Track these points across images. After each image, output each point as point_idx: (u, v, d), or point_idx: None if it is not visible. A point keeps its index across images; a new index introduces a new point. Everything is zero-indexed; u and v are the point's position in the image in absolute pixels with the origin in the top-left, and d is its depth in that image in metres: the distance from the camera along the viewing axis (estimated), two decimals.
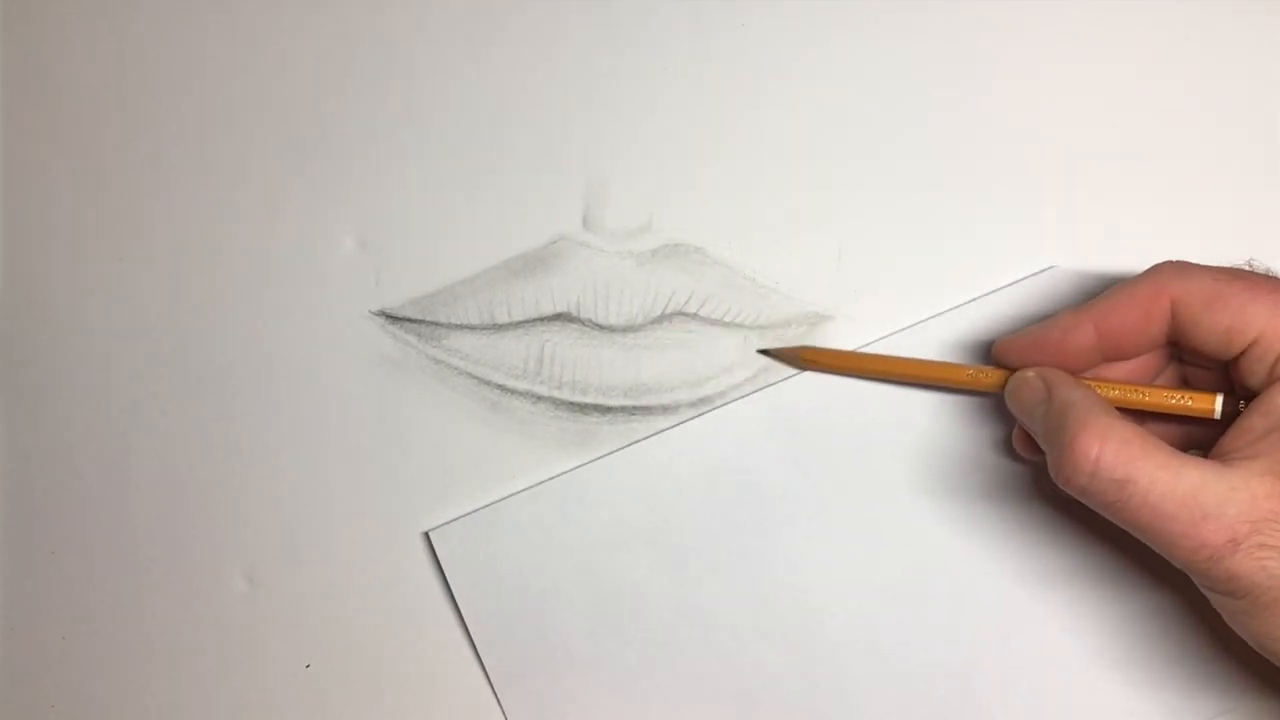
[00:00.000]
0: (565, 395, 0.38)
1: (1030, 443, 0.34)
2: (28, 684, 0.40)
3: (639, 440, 0.38)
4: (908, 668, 0.37)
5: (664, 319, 0.38)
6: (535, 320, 0.38)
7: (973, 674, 0.37)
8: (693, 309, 0.38)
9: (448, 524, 0.38)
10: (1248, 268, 0.31)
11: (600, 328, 0.38)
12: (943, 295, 0.38)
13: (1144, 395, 0.32)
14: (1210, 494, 0.28)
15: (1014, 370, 0.34)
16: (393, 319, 0.39)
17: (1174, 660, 0.36)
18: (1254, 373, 0.30)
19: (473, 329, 0.38)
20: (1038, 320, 0.34)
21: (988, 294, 0.37)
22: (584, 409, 0.38)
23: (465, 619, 0.38)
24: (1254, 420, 0.30)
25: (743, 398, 0.37)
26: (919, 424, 0.37)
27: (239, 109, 0.39)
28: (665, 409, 0.38)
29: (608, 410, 0.38)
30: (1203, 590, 0.30)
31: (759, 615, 0.38)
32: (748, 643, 0.38)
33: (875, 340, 0.37)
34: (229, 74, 0.39)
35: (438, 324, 0.38)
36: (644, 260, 0.38)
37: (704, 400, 0.38)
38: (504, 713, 0.39)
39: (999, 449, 0.37)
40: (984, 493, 0.37)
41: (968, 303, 0.37)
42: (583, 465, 0.38)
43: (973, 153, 0.38)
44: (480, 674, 0.39)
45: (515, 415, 0.38)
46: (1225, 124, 0.37)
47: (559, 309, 0.38)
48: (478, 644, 0.38)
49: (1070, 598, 0.36)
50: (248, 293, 0.39)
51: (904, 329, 0.37)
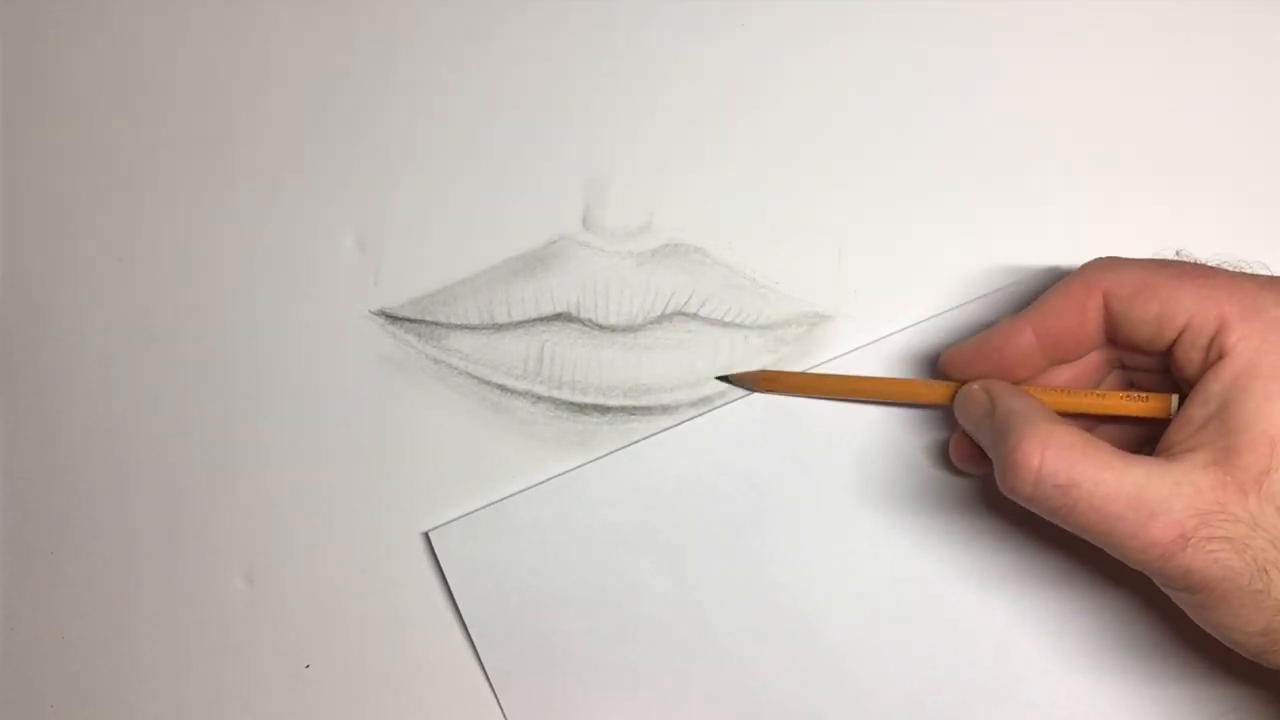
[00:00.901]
0: (565, 395, 0.38)
1: (968, 455, 0.35)
2: (28, 684, 0.40)
3: (639, 440, 0.38)
4: (906, 669, 0.37)
5: (664, 319, 0.38)
6: (535, 320, 0.38)
7: (970, 677, 0.37)
8: (693, 309, 0.38)
9: (448, 524, 0.38)
10: (1176, 257, 0.31)
11: (600, 328, 0.38)
12: (943, 295, 0.38)
13: (1099, 399, 0.32)
14: (1155, 491, 0.28)
15: (962, 382, 0.34)
16: (392, 319, 0.39)
17: (1170, 662, 0.36)
18: (1190, 361, 0.30)
19: (473, 329, 0.38)
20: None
21: (983, 296, 0.37)
22: (584, 409, 0.38)
23: (465, 619, 0.38)
24: (1193, 410, 0.29)
25: (743, 398, 0.37)
26: (920, 428, 0.37)
27: (238, 109, 0.39)
28: (665, 409, 0.38)
29: (608, 410, 0.38)
30: (1161, 587, 0.30)
31: (757, 615, 0.38)
32: (746, 643, 0.38)
33: (871, 342, 0.37)
34: (228, 74, 0.39)
35: (438, 324, 0.38)
36: (644, 260, 0.38)
37: (704, 400, 0.38)
38: (503, 713, 0.39)
39: None
40: (989, 497, 0.37)
41: (963, 305, 0.37)
42: (583, 465, 0.38)
43: (973, 152, 0.38)
44: (480, 674, 0.39)
45: (515, 415, 0.38)
46: (1230, 124, 0.37)
47: (559, 309, 0.38)
48: (477, 644, 0.38)
49: (1064, 601, 0.36)
50: (248, 293, 0.39)
51: (898, 330, 0.37)
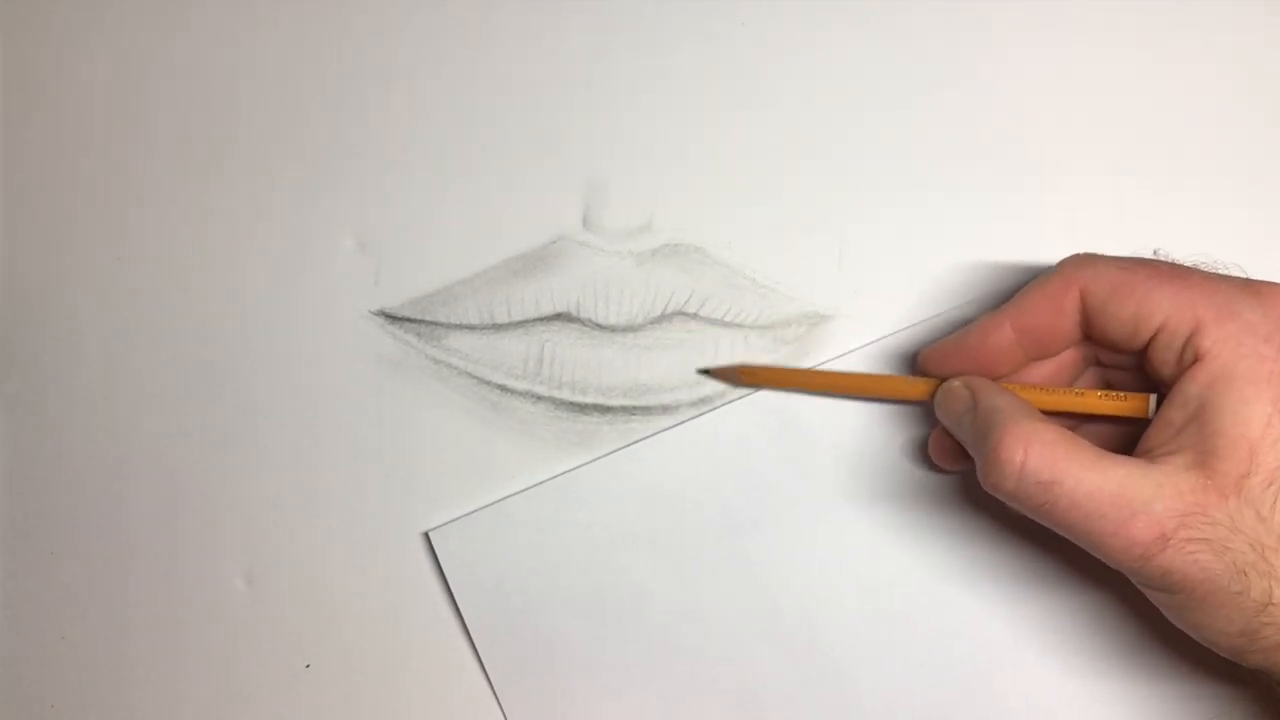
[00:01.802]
0: (565, 395, 0.38)
1: (947, 452, 0.35)
2: (28, 684, 0.40)
3: (639, 440, 0.38)
4: (903, 667, 0.37)
5: (664, 319, 0.38)
6: (535, 320, 0.38)
7: (971, 676, 0.37)
8: (693, 309, 0.38)
9: (448, 524, 0.38)
10: (1154, 257, 0.31)
11: (600, 328, 0.38)
12: (943, 295, 0.38)
13: (1078, 398, 0.32)
14: (1136, 491, 0.28)
15: (942, 380, 0.34)
16: (392, 319, 0.39)
17: (1149, 661, 0.36)
18: (1165, 362, 0.30)
19: (473, 329, 0.38)
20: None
21: (983, 296, 0.37)
22: (584, 409, 0.38)
23: (465, 619, 0.38)
24: (1172, 413, 0.30)
25: (742, 398, 0.37)
26: (920, 428, 0.37)
27: (238, 109, 0.39)
28: (665, 409, 0.38)
29: (608, 410, 0.38)
30: (1140, 587, 0.30)
31: (756, 615, 0.38)
32: (745, 642, 0.38)
33: (872, 341, 0.37)
34: (228, 74, 0.39)
35: (437, 324, 0.38)
36: (644, 260, 0.38)
37: (704, 400, 0.38)
38: (504, 712, 0.39)
39: None
40: (968, 493, 0.37)
41: (962, 305, 0.37)
42: (583, 465, 0.38)
43: (973, 152, 0.38)
44: (480, 674, 0.39)
45: (515, 415, 0.38)
46: (1234, 125, 0.37)
47: (559, 309, 0.38)
48: (477, 644, 0.38)
49: (1060, 600, 0.36)
50: (247, 293, 0.39)
51: (897, 331, 0.37)
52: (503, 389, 0.38)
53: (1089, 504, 0.28)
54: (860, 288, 0.38)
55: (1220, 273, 0.31)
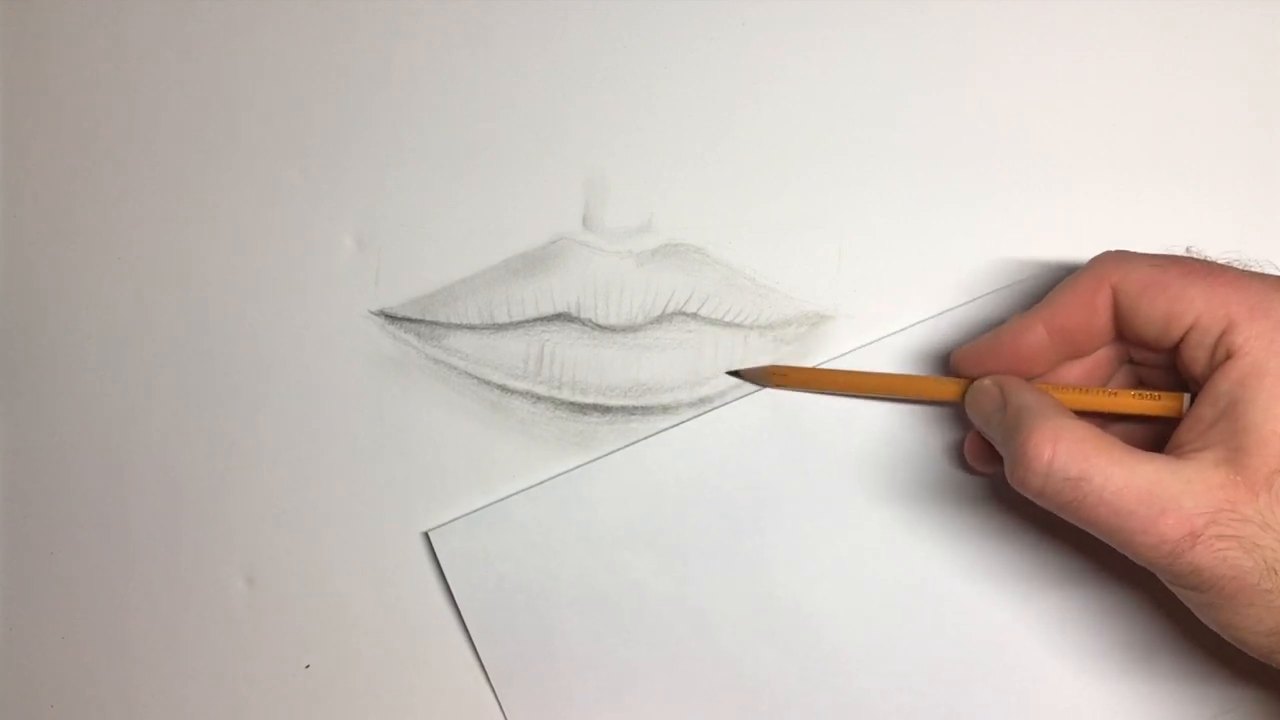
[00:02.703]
0: (565, 395, 0.38)
1: (981, 454, 0.35)
2: (28, 684, 0.40)
3: (639, 440, 0.38)
4: (906, 668, 0.37)
5: (664, 319, 0.38)
6: (535, 320, 0.38)
7: (971, 676, 0.37)
8: (693, 309, 0.38)
9: (448, 524, 0.38)
10: (1186, 254, 0.31)
11: (600, 328, 0.38)
12: (943, 295, 0.38)
13: (1111, 398, 0.32)
14: (1166, 488, 0.28)
15: (973, 379, 0.34)
16: (393, 319, 0.39)
17: (1178, 660, 0.36)
18: (1196, 360, 0.30)
19: (473, 329, 0.38)
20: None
21: (988, 293, 0.37)
22: (584, 409, 0.38)
23: (465, 618, 0.38)
24: (1203, 410, 0.29)
25: (743, 398, 0.37)
26: (921, 427, 0.37)
27: (238, 109, 0.39)
28: (665, 409, 0.38)
29: (608, 410, 0.38)
30: (1169, 585, 0.30)
31: (758, 616, 0.38)
32: (747, 643, 0.38)
33: (877, 340, 0.37)
34: (228, 74, 0.39)
35: (438, 324, 0.38)
36: (644, 260, 0.38)
37: (704, 400, 0.38)
38: (503, 711, 0.39)
39: None
40: (985, 495, 0.37)
41: (969, 302, 0.37)
42: (583, 465, 0.38)
43: (974, 151, 0.38)
44: (480, 674, 0.39)
45: (515, 415, 0.38)
46: (1237, 119, 0.37)
47: (559, 309, 0.38)
48: (477, 643, 0.39)
49: (1066, 600, 0.36)
50: (247, 293, 0.39)
51: (903, 329, 0.37)
52: (503, 389, 0.38)
53: (1117, 500, 0.28)
54: (860, 288, 0.38)
55: (1253, 270, 0.31)
